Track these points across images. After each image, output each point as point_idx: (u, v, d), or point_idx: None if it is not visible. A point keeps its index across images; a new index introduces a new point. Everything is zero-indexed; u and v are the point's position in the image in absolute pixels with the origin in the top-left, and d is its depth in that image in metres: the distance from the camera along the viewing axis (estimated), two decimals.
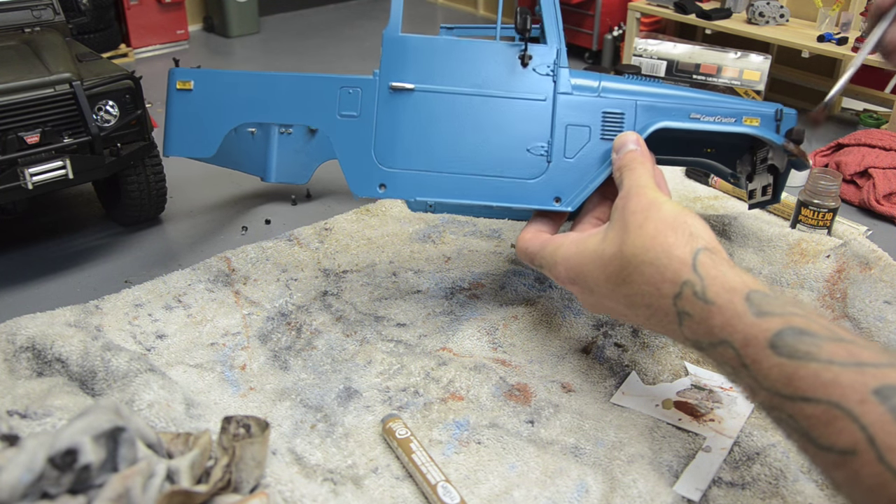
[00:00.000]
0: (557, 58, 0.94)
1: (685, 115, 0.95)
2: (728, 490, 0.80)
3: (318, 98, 0.97)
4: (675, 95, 0.97)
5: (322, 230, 1.29)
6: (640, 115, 0.95)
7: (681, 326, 0.72)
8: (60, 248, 1.27)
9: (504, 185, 0.96)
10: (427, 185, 0.97)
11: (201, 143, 1.00)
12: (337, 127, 0.97)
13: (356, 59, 2.27)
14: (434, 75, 0.95)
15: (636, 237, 0.76)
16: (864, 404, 0.55)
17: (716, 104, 0.96)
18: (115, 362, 0.88)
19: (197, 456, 0.70)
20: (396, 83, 0.94)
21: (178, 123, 1.00)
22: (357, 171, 0.98)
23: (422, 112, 0.95)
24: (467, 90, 0.95)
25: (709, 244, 0.74)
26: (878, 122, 1.77)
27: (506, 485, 0.80)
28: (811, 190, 1.27)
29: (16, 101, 1.06)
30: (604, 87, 0.95)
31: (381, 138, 0.96)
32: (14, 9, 1.26)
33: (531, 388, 0.94)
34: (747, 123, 0.97)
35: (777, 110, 0.99)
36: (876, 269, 1.10)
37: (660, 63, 1.69)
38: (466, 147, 0.96)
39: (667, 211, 0.77)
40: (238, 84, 0.98)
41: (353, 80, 0.96)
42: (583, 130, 0.95)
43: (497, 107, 0.95)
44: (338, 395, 0.92)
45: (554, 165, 0.95)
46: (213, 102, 0.99)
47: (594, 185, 0.95)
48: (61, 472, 0.60)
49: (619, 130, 0.95)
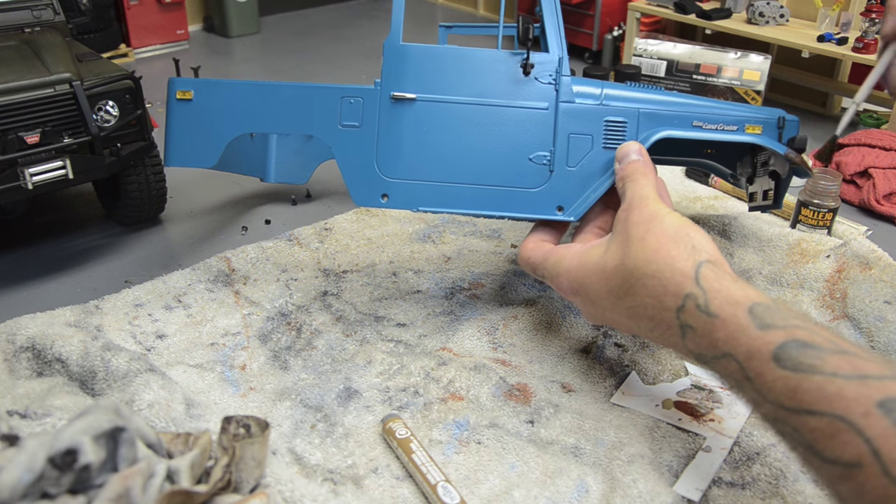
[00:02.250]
0: (559, 66, 0.94)
1: (688, 123, 0.96)
2: (728, 490, 0.80)
3: (319, 108, 0.96)
4: (678, 103, 0.97)
5: (322, 230, 1.29)
6: (643, 123, 0.95)
7: (684, 339, 0.72)
8: (60, 248, 1.27)
9: (506, 195, 0.96)
10: (429, 195, 0.97)
11: (202, 154, 1.00)
12: (339, 137, 0.97)
13: (356, 58, 2.27)
14: (436, 85, 0.95)
15: (638, 250, 0.76)
16: (868, 417, 0.55)
17: (718, 112, 0.96)
18: (115, 362, 0.88)
19: (197, 456, 0.70)
20: (398, 93, 0.94)
21: (179, 133, 1.00)
22: (359, 181, 0.97)
23: (423, 122, 0.95)
24: (469, 99, 0.95)
25: (711, 257, 0.74)
26: (878, 122, 1.77)
27: (506, 485, 0.80)
28: (811, 190, 1.27)
29: (16, 101, 1.06)
30: (606, 95, 0.95)
31: (383, 148, 0.96)
32: (14, 9, 1.26)
33: (531, 388, 0.94)
34: (749, 132, 0.96)
35: (780, 118, 0.98)
36: (876, 269, 1.10)
37: (660, 63, 1.69)
38: (469, 156, 0.96)
39: (669, 223, 0.78)
40: (238, 94, 0.98)
41: (355, 90, 0.95)
42: (585, 139, 0.95)
43: (499, 116, 0.95)
44: (338, 395, 0.92)
45: (556, 174, 0.95)
46: (213, 113, 0.99)
47: (597, 195, 0.95)
48: (61, 472, 0.60)
49: (622, 139, 0.94)
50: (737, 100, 1.63)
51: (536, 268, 0.92)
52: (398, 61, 0.94)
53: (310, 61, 2.25)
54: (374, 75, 2.15)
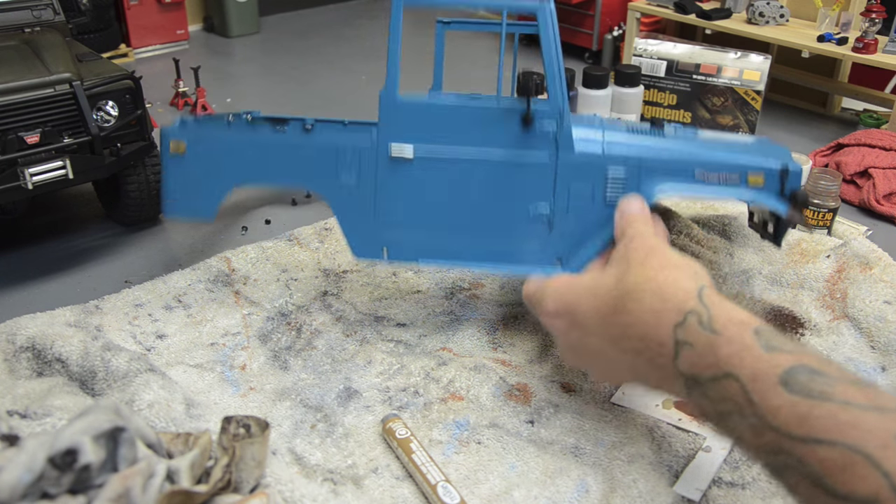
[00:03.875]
0: (560, 118, 0.91)
1: (690, 173, 0.94)
2: (728, 490, 0.80)
3: (314, 163, 0.95)
4: (681, 151, 0.94)
5: (322, 230, 1.29)
6: (645, 176, 0.93)
7: (677, 359, 0.69)
8: (60, 248, 1.26)
9: (507, 247, 0.96)
10: (430, 248, 0.96)
11: (200, 207, 1.00)
12: (336, 192, 0.95)
13: (356, 58, 2.27)
14: (434, 139, 0.92)
15: (638, 271, 0.75)
16: (886, 449, 0.51)
17: (721, 160, 0.94)
18: (115, 362, 0.88)
19: (197, 456, 0.70)
20: (396, 153, 0.92)
21: (175, 187, 0.99)
22: (358, 234, 0.97)
23: (422, 177, 0.94)
24: (468, 155, 0.93)
25: (711, 285, 0.73)
26: (878, 122, 1.76)
27: (506, 485, 0.80)
28: (811, 190, 1.27)
29: (16, 101, 1.06)
30: (608, 145, 0.93)
31: (381, 203, 0.95)
32: (14, 9, 1.26)
33: (531, 388, 0.94)
34: (751, 182, 0.94)
35: (783, 169, 0.95)
36: (876, 269, 1.10)
37: (660, 63, 1.69)
38: (468, 211, 0.95)
39: (670, 254, 0.77)
40: (232, 148, 0.96)
41: (351, 146, 0.93)
42: (586, 192, 0.94)
43: (499, 170, 0.93)
44: (338, 395, 0.92)
45: (556, 227, 0.95)
46: (207, 167, 0.97)
47: (597, 248, 0.94)
48: (61, 472, 0.60)
49: (623, 191, 0.93)
50: (737, 100, 1.63)
51: (530, 297, 0.89)
52: (395, 115, 0.91)
53: (310, 61, 2.25)
54: (373, 76, 2.15)
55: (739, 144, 1.01)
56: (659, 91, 1.73)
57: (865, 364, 0.97)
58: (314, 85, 2.05)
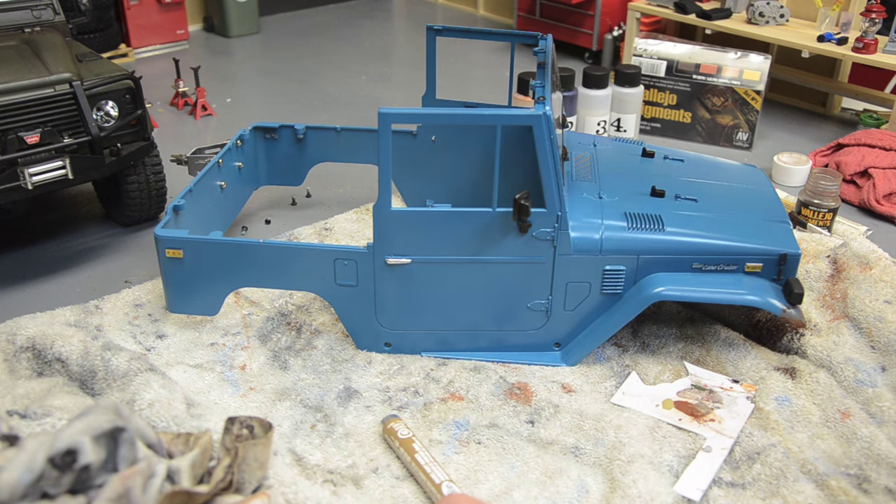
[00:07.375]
0: (558, 223, 0.91)
1: (687, 265, 0.95)
2: (728, 490, 0.80)
3: (313, 268, 0.96)
4: (678, 243, 0.95)
5: (322, 230, 1.29)
6: (641, 269, 0.95)
7: None
8: (60, 248, 1.26)
9: (505, 338, 0.98)
10: (432, 342, 0.99)
11: (202, 305, 1.01)
12: (336, 294, 0.97)
13: (356, 59, 2.27)
14: (430, 246, 0.93)
15: None
16: None
17: (719, 250, 0.95)
18: (115, 362, 0.88)
19: (198, 456, 0.70)
20: (392, 259, 0.93)
21: (176, 287, 1.00)
22: (361, 331, 0.99)
23: (420, 280, 0.95)
24: (465, 258, 0.93)
25: None
26: (878, 122, 1.76)
27: (506, 485, 0.80)
28: (811, 190, 1.27)
29: (16, 101, 1.06)
30: (605, 240, 0.94)
31: (381, 304, 0.96)
32: (14, 9, 1.26)
33: (531, 388, 0.94)
34: (749, 270, 0.96)
35: (781, 256, 0.96)
36: (876, 269, 1.10)
37: (660, 63, 1.69)
38: (467, 307, 0.96)
39: None
40: (228, 254, 0.97)
41: (348, 253, 0.94)
42: (583, 286, 0.95)
43: (496, 271, 0.94)
44: (338, 395, 0.92)
45: (553, 317, 0.97)
46: (206, 271, 0.98)
47: (594, 332, 0.96)
48: (61, 473, 0.60)
49: (621, 283, 0.95)
50: (737, 100, 1.63)
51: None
52: (389, 226, 0.92)
53: (309, 61, 2.25)
54: (373, 76, 2.15)
55: (743, 223, 0.98)
56: (659, 91, 1.73)
57: (865, 364, 0.97)
58: (314, 85, 2.05)
